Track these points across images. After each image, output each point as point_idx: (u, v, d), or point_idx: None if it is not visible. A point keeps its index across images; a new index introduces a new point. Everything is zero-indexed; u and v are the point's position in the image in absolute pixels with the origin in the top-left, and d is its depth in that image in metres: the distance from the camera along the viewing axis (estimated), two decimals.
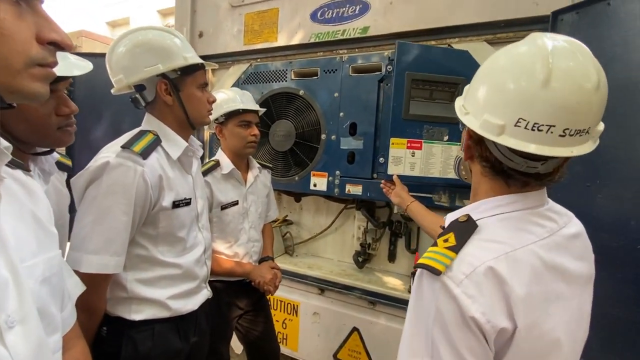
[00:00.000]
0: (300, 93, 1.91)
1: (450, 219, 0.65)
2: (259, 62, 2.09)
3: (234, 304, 1.41)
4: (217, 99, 1.12)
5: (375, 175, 1.76)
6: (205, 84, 1.01)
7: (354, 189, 1.80)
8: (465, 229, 0.59)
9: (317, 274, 1.94)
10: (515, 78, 0.55)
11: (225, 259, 1.37)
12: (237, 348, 1.97)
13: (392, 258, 2.01)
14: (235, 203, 1.38)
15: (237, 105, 1.34)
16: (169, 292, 0.96)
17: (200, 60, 0.97)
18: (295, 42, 1.97)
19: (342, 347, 1.89)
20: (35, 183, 0.55)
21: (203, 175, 1.24)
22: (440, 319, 0.53)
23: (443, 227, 0.65)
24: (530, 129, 0.53)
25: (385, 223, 1.94)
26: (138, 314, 0.92)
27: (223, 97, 1.36)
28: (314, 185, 1.91)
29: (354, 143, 1.79)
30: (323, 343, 1.93)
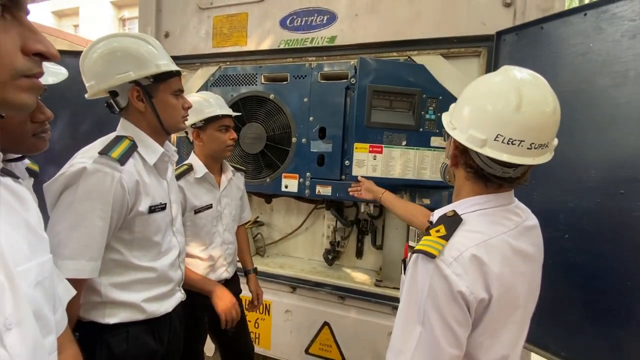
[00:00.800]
0: (271, 97, 1.96)
1: (439, 214, 0.80)
2: (229, 65, 2.10)
3: (208, 306, 1.43)
4: (192, 104, 1.14)
5: (344, 177, 1.86)
6: (181, 91, 1.03)
7: (324, 190, 1.89)
8: (453, 222, 0.74)
9: (288, 273, 2.00)
10: (494, 103, 0.71)
11: (192, 271, 1.36)
12: (208, 350, 1.97)
13: (359, 254, 2.13)
14: (209, 207, 1.40)
15: (216, 111, 1.37)
16: (144, 295, 0.97)
17: (175, 68, 0.99)
18: (265, 47, 2.01)
19: (313, 341, 1.96)
20: (25, 190, 0.56)
21: (176, 180, 1.26)
22: (433, 294, 0.68)
23: (431, 222, 0.80)
24: (506, 143, 0.70)
25: (353, 222, 2.05)
26: (112, 318, 0.93)
27: (199, 101, 1.37)
28: (286, 187, 1.96)
29: (324, 146, 1.88)
30: (295, 340, 1.99)
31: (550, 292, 1.18)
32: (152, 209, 0.95)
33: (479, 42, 1.65)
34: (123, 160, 0.88)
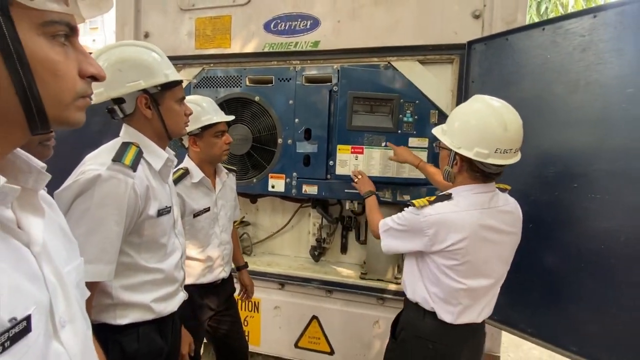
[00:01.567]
0: (256, 99, 2.00)
1: (440, 194, 1.17)
2: (212, 67, 2.11)
3: (206, 306, 1.46)
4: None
5: (329, 176, 1.95)
6: (183, 98, 1.07)
7: (310, 189, 1.97)
8: (443, 197, 1.14)
9: (276, 270, 2.06)
10: (491, 128, 1.06)
11: None
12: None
13: (344, 250, 2.22)
14: (207, 209, 1.43)
15: (213, 118, 1.39)
16: (153, 295, 1.01)
17: (180, 77, 1.04)
18: (250, 50, 2.04)
19: (302, 335, 2.04)
20: (50, 197, 0.59)
21: (174, 185, 1.28)
22: (405, 223, 1.17)
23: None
24: (500, 153, 1.07)
25: (338, 218, 2.14)
26: (123, 319, 0.96)
27: (194, 108, 1.39)
28: (272, 187, 2.02)
29: (309, 147, 1.95)
30: (285, 335, 2.06)
31: (518, 276, 1.35)
32: (160, 213, 0.99)
33: (452, 50, 1.79)
34: (135, 167, 0.91)
